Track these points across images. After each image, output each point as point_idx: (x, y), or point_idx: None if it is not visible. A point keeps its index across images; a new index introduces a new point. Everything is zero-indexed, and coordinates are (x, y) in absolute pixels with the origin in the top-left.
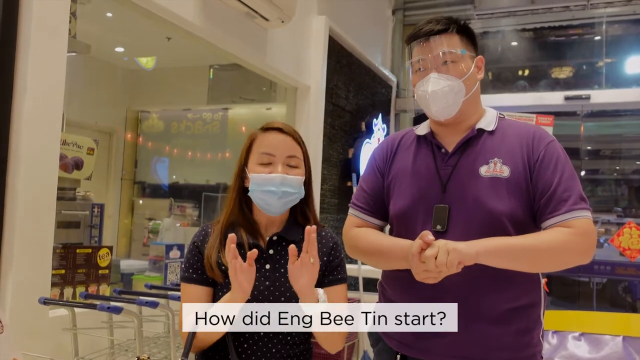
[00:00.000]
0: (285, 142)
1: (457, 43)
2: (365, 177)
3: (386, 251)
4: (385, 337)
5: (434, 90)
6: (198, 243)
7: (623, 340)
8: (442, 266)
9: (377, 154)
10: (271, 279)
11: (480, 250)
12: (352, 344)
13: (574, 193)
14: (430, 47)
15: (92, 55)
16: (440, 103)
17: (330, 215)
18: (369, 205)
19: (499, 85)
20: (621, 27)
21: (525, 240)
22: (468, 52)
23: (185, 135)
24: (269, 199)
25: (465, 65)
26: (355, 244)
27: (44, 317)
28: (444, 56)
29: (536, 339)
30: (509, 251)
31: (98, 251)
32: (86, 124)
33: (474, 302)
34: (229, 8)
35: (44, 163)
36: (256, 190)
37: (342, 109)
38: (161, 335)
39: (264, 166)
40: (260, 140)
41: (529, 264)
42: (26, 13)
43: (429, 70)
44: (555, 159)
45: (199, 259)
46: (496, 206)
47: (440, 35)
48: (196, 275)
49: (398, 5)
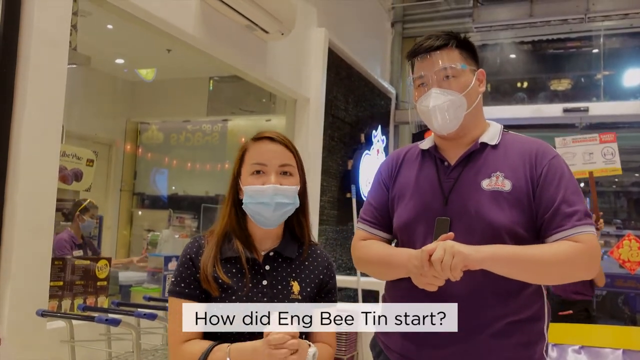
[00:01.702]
0: (277, 151)
1: (457, 57)
2: (371, 192)
3: (388, 260)
4: (387, 350)
5: (435, 106)
6: (191, 256)
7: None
8: (447, 269)
9: (383, 168)
10: (269, 295)
11: (487, 256)
12: (352, 356)
13: (580, 209)
14: (430, 62)
15: (92, 67)
16: (442, 118)
17: (329, 226)
18: (375, 218)
19: (498, 98)
20: (619, 40)
21: (531, 250)
22: (468, 67)
23: (184, 147)
24: (263, 211)
25: (466, 80)
26: (361, 255)
27: (42, 329)
28: (444, 71)
29: (538, 354)
30: (515, 260)
31: (97, 263)
32: (86, 135)
33: (475, 314)
34: (229, 20)
35: (43, 174)
36: (250, 203)
37: (342, 120)
38: (159, 348)
39: (257, 176)
40: (252, 151)
41: (533, 275)
42: (27, 25)
43: (430, 86)
44: (559, 174)
45: (192, 273)
46: (496, 219)
47: (440, 50)
48: (189, 290)
49: (397, 18)
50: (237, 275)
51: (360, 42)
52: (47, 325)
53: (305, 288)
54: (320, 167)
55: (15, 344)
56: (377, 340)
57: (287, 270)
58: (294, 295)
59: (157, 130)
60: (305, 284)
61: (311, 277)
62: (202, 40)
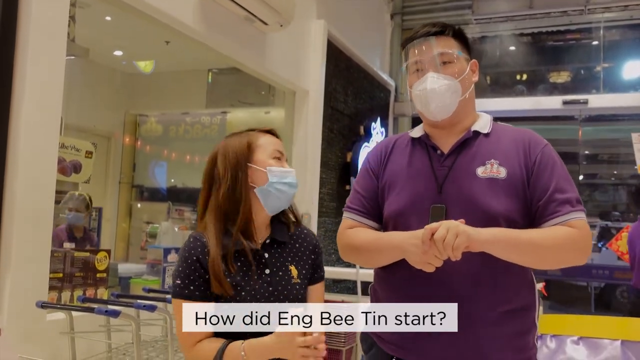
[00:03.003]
0: (282, 145)
1: (453, 45)
2: (359, 180)
3: (379, 244)
4: (380, 341)
5: (433, 88)
6: (198, 257)
7: (621, 344)
8: (449, 248)
9: (371, 157)
10: (273, 284)
11: (489, 238)
12: (351, 348)
13: (572, 196)
14: (427, 48)
15: (91, 58)
16: (439, 101)
17: (328, 218)
18: (364, 207)
19: (497, 90)
20: (619, 32)
21: (531, 234)
22: (463, 55)
23: (183, 139)
24: (287, 190)
25: (461, 67)
26: (349, 242)
27: (42, 321)
28: (441, 57)
29: (531, 343)
30: (515, 243)
31: (96, 254)
32: (85, 127)
33: (470, 304)
34: (228, 12)
35: (42, 166)
36: (277, 183)
37: (341, 112)
38: (159, 339)
39: (279, 161)
40: (267, 140)
41: (531, 257)
42: (25, 17)
43: (426, 71)
44: (552, 162)
45: (200, 275)
46: (492, 206)
47: (436, 37)
48: (199, 292)
49: (396, 10)
50: (242, 269)
51: (360, 34)
52: (46, 317)
53: (302, 271)
54: (320, 159)
55: (15, 335)
56: (369, 333)
57: (284, 255)
58: (295, 280)
59: (156, 122)
60: (301, 266)
61: (304, 259)
62: (201, 32)
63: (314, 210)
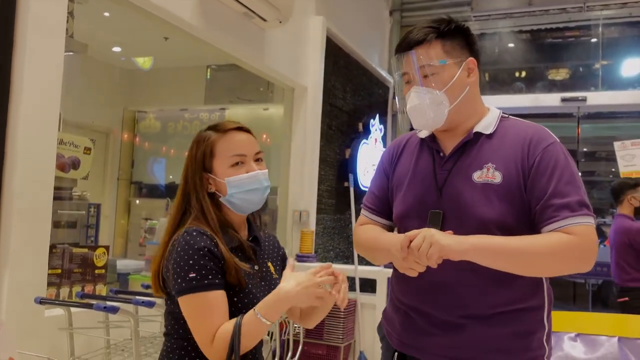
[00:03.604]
0: (249, 140)
1: (437, 53)
2: (374, 179)
3: (374, 244)
4: (388, 335)
5: (412, 107)
6: (210, 248)
7: (618, 340)
8: (423, 256)
9: (385, 156)
10: (266, 279)
11: (469, 248)
12: (349, 344)
13: (573, 199)
14: (410, 60)
15: (89, 54)
16: (421, 118)
17: (327, 215)
18: (376, 205)
19: (496, 87)
20: (617, 29)
21: (518, 241)
22: (451, 60)
23: (182, 136)
24: (253, 197)
25: (448, 74)
26: (357, 239)
27: (40, 317)
28: (422, 70)
29: (536, 343)
30: (499, 251)
31: (94, 251)
32: (83, 123)
33: (471, 302)
34: (226, 8)
35: (40, 162)
36: (237, 193)
37: (340, 109)
38: (157, 335)
39: (238, 167)
40: (225, 143)
41: (519, 266)
42: (23, 12)
43: (410, 85)
44: (553, 163)
45: (215, 264)
46: (485, 213)
47: (418, 47)
48: (218, 280)
49: (395, 7)
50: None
51: (359, 30)
52: (45, 313)
53: (276, 266)
54: (318, 156)
55: (13, 331)
56: (382, 324)
57: (262, 253)
58: (274, 275)
59: (155, 118)
60: (276, 262)
61: (275, 256)
62: (199, 28)
63: (312, 207)
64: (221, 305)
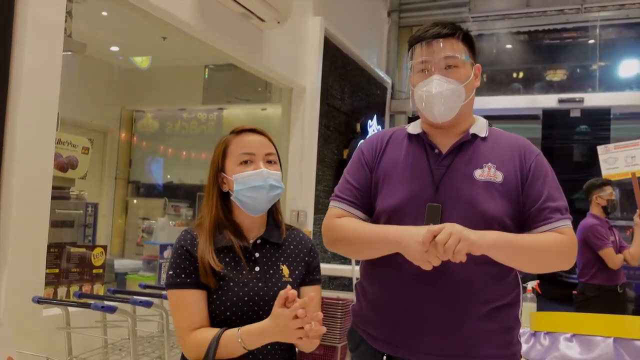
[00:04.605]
0: (261, 141)
1: (461, 49)
2: (351, 171)
3: (373, 236)
4: (370, 339)
5: (438, 92)
6: (187, 247)
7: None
8: (449, 252)
9: (365, 148)
10: (263, 281)
11: (491, 244)
12: (346, 344)
13: (562, 204)
14: (435, 49)
15: (88, 54)
16: (442, 105)
17: (324, 215)
18: (355, 198)
19: (494, 88)
20: (615, 30)
21: (528, 239)
22: (470, 59)
23: (180, 135)
24: (257, 195)
25: (467, 71)
26: (337, 232)
27: (38, 316)
28: (448, 60)
29: (516, 339)
30: (515, 248)
31: (92, 250)
32: (81, 123)
33: (463, 299)
34: (225, 8)
35: (38, 162)
36: (242, 190)
37: (337, 110)
38: (155, 335)
39: (245, 165)
40: (236, 143)
41: (527, 262)
42: (22, 12)
43: (432, 72)
44: (544, 171)
45: (191, 263)
46: (489, 209)
47: (446, 39)
48: (190, 279)
49: (393, 8)
50: (231, 264)
51: (357, 31)
52: (43, 312)
53: (294, 271)
54: (316, 156)
55: (11, 330)
56: (357, 330)
57: (276, 255)
58: (285, 278)
59: (153, 118)
60: (294, 267)
61: (297, 260)
62: (197, 28)
63: (310, 208)
64: (193, 305)
